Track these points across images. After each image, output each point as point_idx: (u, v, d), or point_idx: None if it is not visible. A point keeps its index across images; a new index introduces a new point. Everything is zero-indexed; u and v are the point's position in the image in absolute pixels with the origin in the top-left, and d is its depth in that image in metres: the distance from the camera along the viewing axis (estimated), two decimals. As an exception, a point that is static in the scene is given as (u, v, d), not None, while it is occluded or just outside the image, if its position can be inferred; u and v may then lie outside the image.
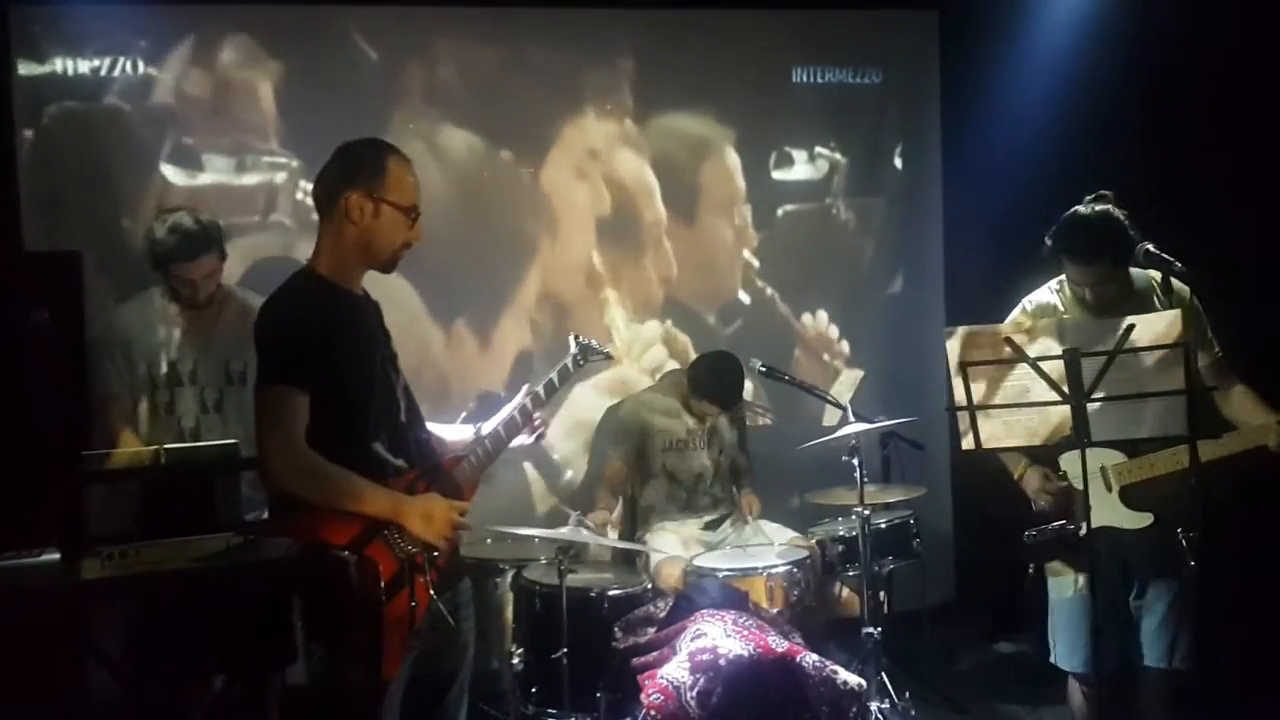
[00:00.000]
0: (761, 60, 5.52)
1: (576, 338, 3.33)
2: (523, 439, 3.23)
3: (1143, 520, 3.36)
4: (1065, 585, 3.47)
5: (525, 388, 3.24)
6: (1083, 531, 3.31)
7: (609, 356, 3.40)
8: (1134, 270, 3.40)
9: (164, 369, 3.74)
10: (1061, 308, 3.48)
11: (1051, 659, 3.56)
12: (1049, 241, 3.42)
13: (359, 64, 4.91)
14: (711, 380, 4.60)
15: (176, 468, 3.05)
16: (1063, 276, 3.51)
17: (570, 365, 3.27)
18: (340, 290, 2.86)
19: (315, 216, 2.91)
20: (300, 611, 2.79)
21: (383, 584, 2.72)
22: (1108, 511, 3.38)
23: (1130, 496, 3.37)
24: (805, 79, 5.61)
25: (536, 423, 3.24)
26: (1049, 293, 3.53)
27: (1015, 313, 3.57)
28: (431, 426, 3.10)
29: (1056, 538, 3.43)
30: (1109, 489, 3.39)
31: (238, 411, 3.73)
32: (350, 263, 2.87)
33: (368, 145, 2.91)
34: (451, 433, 3.24)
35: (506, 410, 3.16)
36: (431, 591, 2.84)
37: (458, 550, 2.97)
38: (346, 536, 2.72)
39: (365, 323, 2.91)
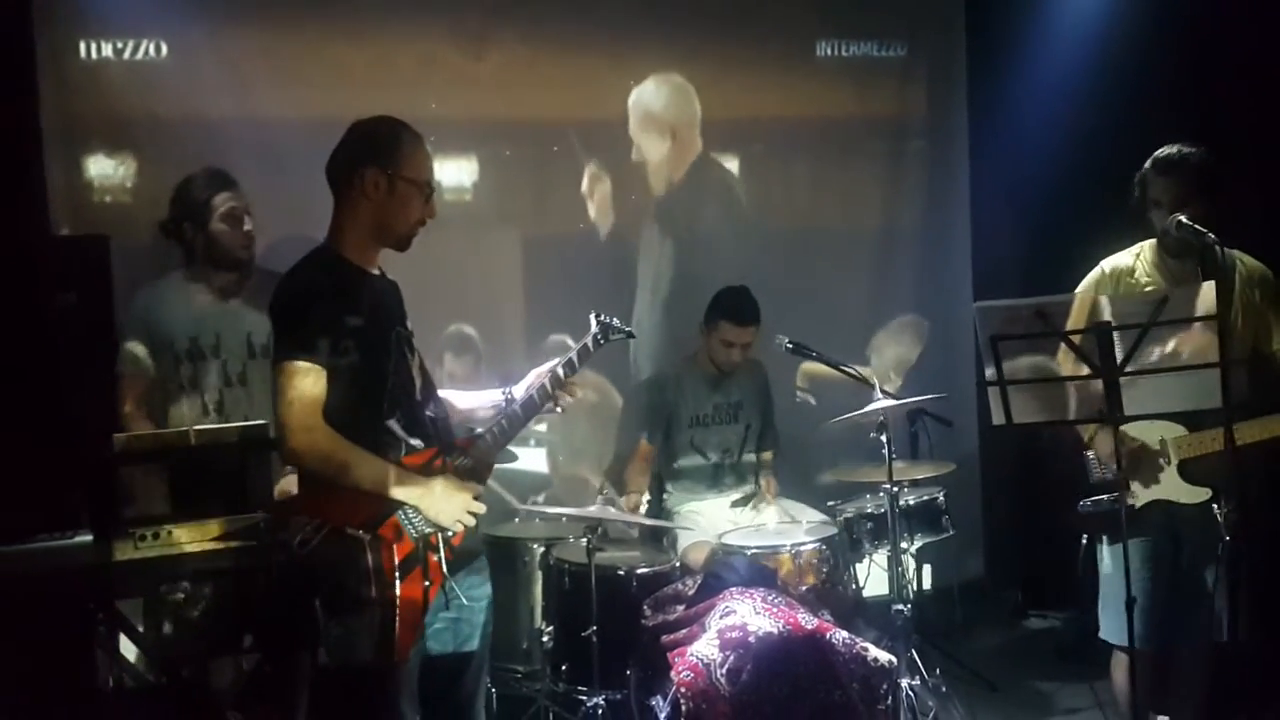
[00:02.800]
0: (786, 33, 5.46)
1: (598, 316, 3.27)
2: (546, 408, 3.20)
3: (1200, 495, 3.33)
4: (1116, 557, 3.42)
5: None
6: (1137, 503, 3.34)
7: (631, 335, 3.33)
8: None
9: (186, 344, 3.75)
10: (1141, 273, 3.46)
11: (1100, 633, 3.51)
12: (1143, 172, 3.40)
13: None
14: (726, 299, 4.55)
15: (207, 449, 3.08)
16: (1143, 244, 3.48)
17: (591, 344, 3.22)
18: (356, 268, 2.87)
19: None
20: (311, 591, 2.79)
21: (396, 563, 2.73)
22: (1166, 484, 3.36)
23: (1189, 470, 3.34)
24: (830, 52, 5.55)
25: (559, 396, 3.19)
26: (1129, 256, 3.51)
27: (1093, 274, 3.55)
28: (442, 392, 3.10)
29: (1111, 509, 3.38)
30: (1168, 462, 3.37)
31: (261, 385, 3.73)
32: (366, 240, 2.88)
33: (381, 122, 2.91)
34: (461, 399, 3.23)
35: (525, 389, 3.13)
36: (445, 571, 2.85)
37: (475, 528, 2.97)
38: (362, 515, 2.73)
39: (382, 300, 2.91)
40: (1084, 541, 3.55)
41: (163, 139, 4.58)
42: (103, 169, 4.58)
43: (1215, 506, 3.28)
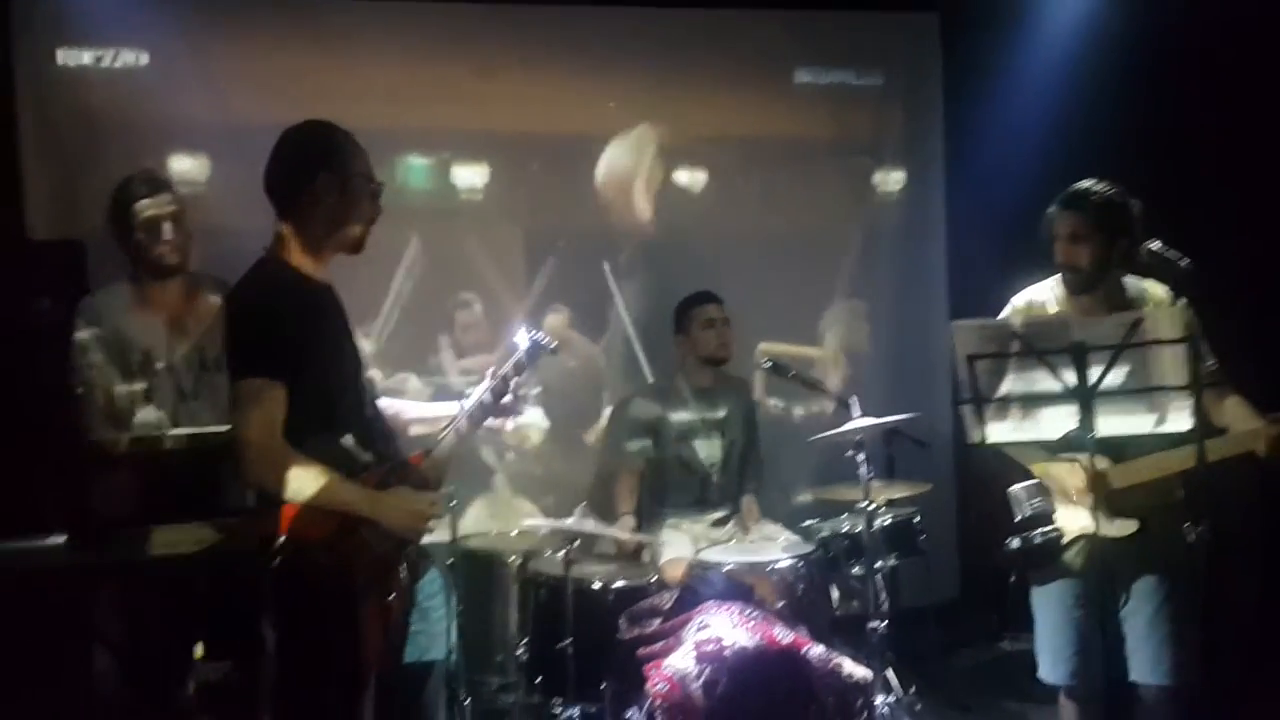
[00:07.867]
0: (763, 61, 5.52)
1: (529, 331, 3.24)
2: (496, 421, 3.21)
3: (1128, 528, 3.23)
4: (1048, 595, 3.40)
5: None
6: (1065, 538, 3.33)
7: (555, 351, 3.30)
8: (1129, 280, 3.38)
9: (140, 358, 3.70)
10: (1054, 303, 3.45)
11: (1039, 673, 3.45)
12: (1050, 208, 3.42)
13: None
14: (686, 298, 4.68)
15: (179, 453, 3.06)
16: (1055, 277, 3.47)
17: (525, 359, 3.23)
18: (306, 278, 2.81)
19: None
20: (279, 608, 2.73)
21: (360, 578, 2.71)
22: (1091, 518, 3.32)
23: (1114, 503, 3.23)
24: (808, 79, 5.62)
25: (506, 402, 3.19)
26: (1045, 290, 3.50)
27: (1007, 309, 3.53)
28: (394, 402, 3.09)
29: (1039, 547, 3.33)
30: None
31: (213, 398, 3.69)
32: (318, 248, 2.82)
33: (318, 125, 2.88)
34: (411, 409, 3.23)
35: (469, 403, 3.14)
36: (405, 581, 2.84)
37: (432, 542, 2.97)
38: (324, 531, 2.68)
39: (331, 311, 2.86)
40: (1013, 580, 3.50)
41: (140, 146, 4.57)
42: (79, 175, 4.55)
43: (1185, 526, 3.24)
